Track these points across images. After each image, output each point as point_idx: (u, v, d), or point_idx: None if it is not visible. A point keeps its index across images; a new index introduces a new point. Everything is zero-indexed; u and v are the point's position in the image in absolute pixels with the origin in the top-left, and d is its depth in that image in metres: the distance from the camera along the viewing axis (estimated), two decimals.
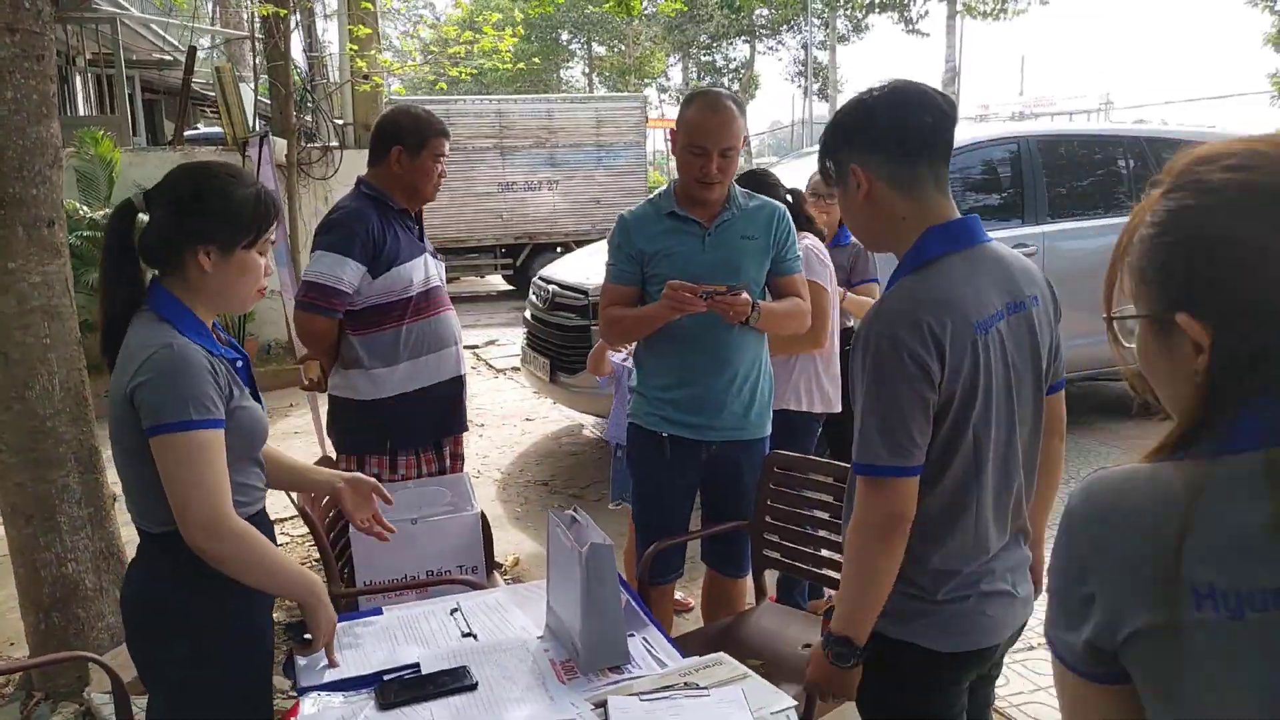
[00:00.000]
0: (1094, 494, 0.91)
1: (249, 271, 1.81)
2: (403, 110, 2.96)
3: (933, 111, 1.61)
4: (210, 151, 8.96)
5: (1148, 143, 6.39)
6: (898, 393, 1.56)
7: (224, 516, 1.67)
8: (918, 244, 1.63)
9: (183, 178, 1.79)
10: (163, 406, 1.64)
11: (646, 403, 2.70)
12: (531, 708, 1.73)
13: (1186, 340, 0.88)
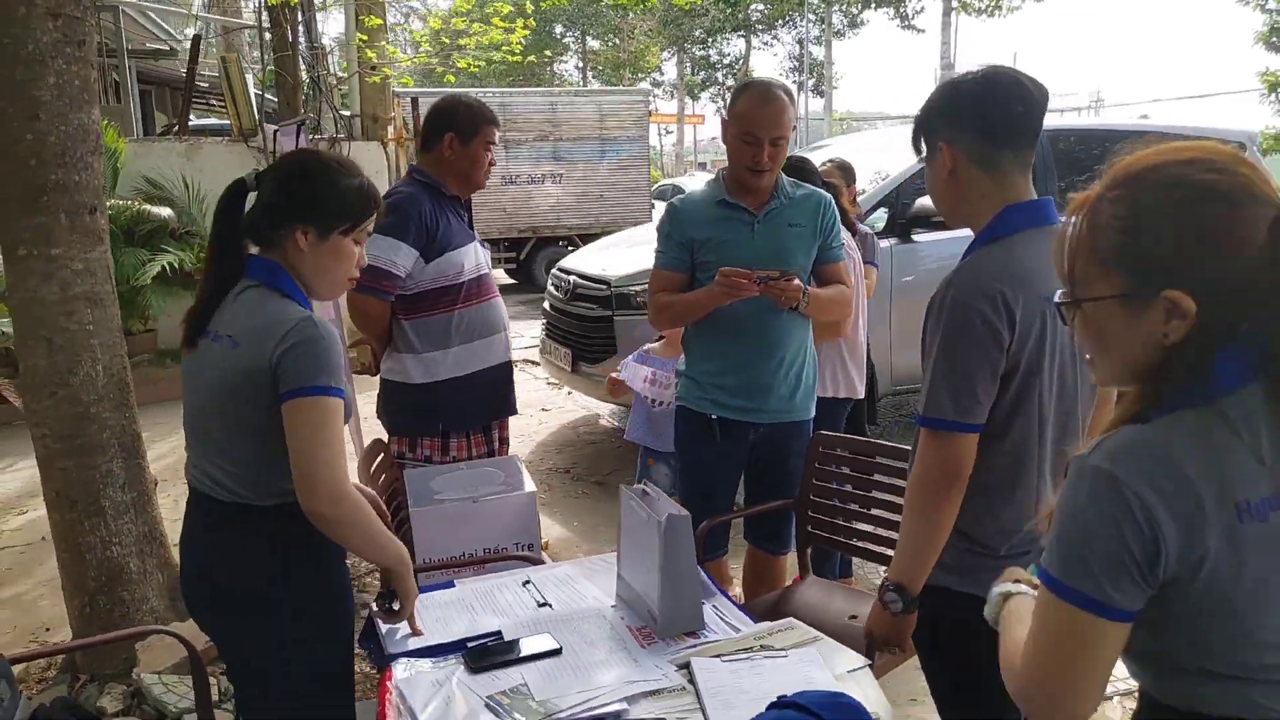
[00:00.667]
0: (1130, 454, 1.05)
1: (343, 258, 1.86)
2: (456, 98, 3.01)
3: (1024, 100, 1.70)
4: (217, 143, 8.96)
5: (1154, 136, 6.45)
6: (968, 354, 1.66)
7: (346, 483, 1.73)
8: (997, 219, 1.72)
9: (293, 160, 1.89)
10: (309, 371, 1.70)
11: (696, 386, 2.76)
12: (618, 670, 1.79)
13: (1159, 312, 1.06)
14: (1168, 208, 1.06)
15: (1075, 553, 1.06)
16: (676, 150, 42.06)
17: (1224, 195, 1.04)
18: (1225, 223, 1.03)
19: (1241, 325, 1.04)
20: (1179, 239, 1.05)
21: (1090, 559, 1.05)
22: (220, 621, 1.93)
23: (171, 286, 7.68)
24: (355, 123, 9.23)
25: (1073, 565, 1.06)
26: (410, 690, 1.74)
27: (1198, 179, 1.05)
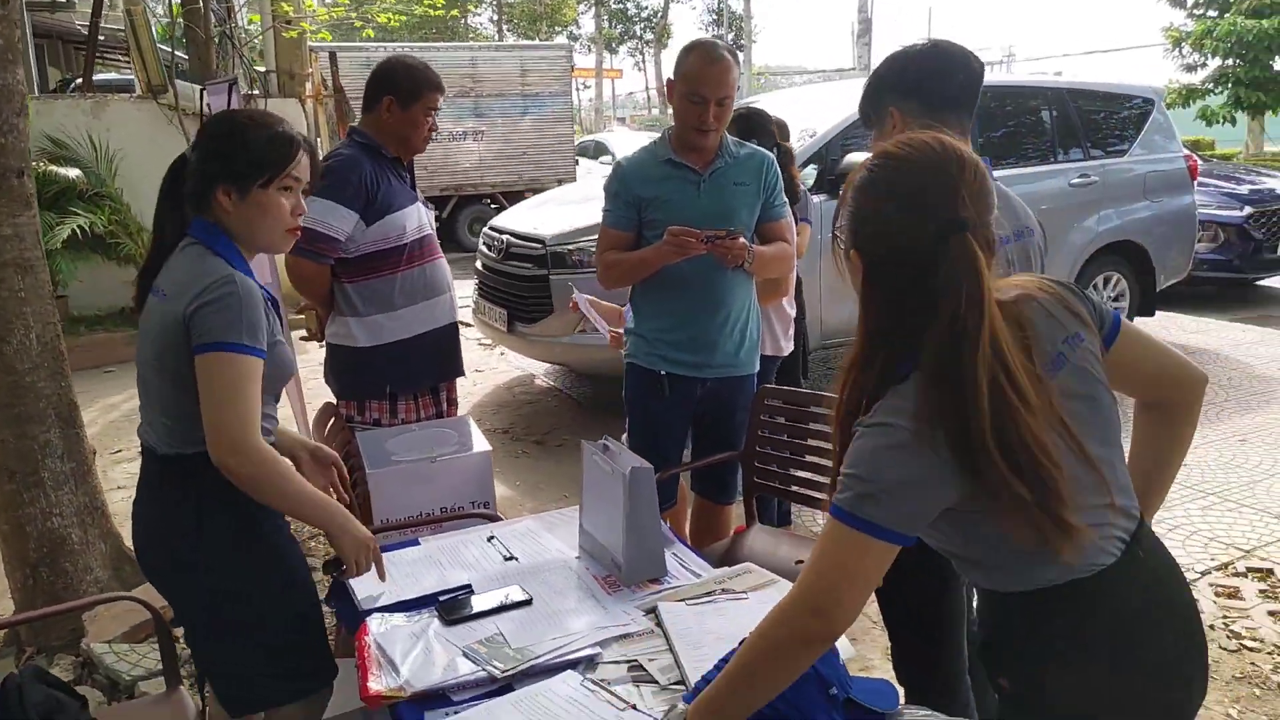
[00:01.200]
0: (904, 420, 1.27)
1: (269, 211, 1.86)
2: (398, 60, 2.99)
3: (965, 71, 1.89)
4: (125, 100, 8.63)
5: (1067, 93, 6.70)
6: None
7: (254, 439, 1.75)
8: None
9: (209, 122, 1.92)
10: (219, 327, 1.73)
11: (645, 343, 2.83)
12: (588, 617, 1.87)
13: (855, 266, 1.36)
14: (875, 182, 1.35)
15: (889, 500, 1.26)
16: (596, 105, 41.69)
17: (891, 189, 1.32)
18: (899, 210, 1.31)
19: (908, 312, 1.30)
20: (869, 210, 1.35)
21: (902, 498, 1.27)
22: (161, 578, 1.98)
23: (82, 251, 7.46)
24: (271, 79, 8.97)
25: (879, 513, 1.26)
26: (388, 643, 1.80)
27: (888, 163, 1.35)
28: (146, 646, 3.13)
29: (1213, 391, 5.80)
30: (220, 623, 1.90)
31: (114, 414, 6.06)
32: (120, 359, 7.34)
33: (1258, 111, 18.87)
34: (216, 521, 1.86)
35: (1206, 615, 3.26)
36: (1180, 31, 19.17)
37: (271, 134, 1.86)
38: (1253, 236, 8.38)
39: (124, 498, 4.54)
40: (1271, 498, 4.22)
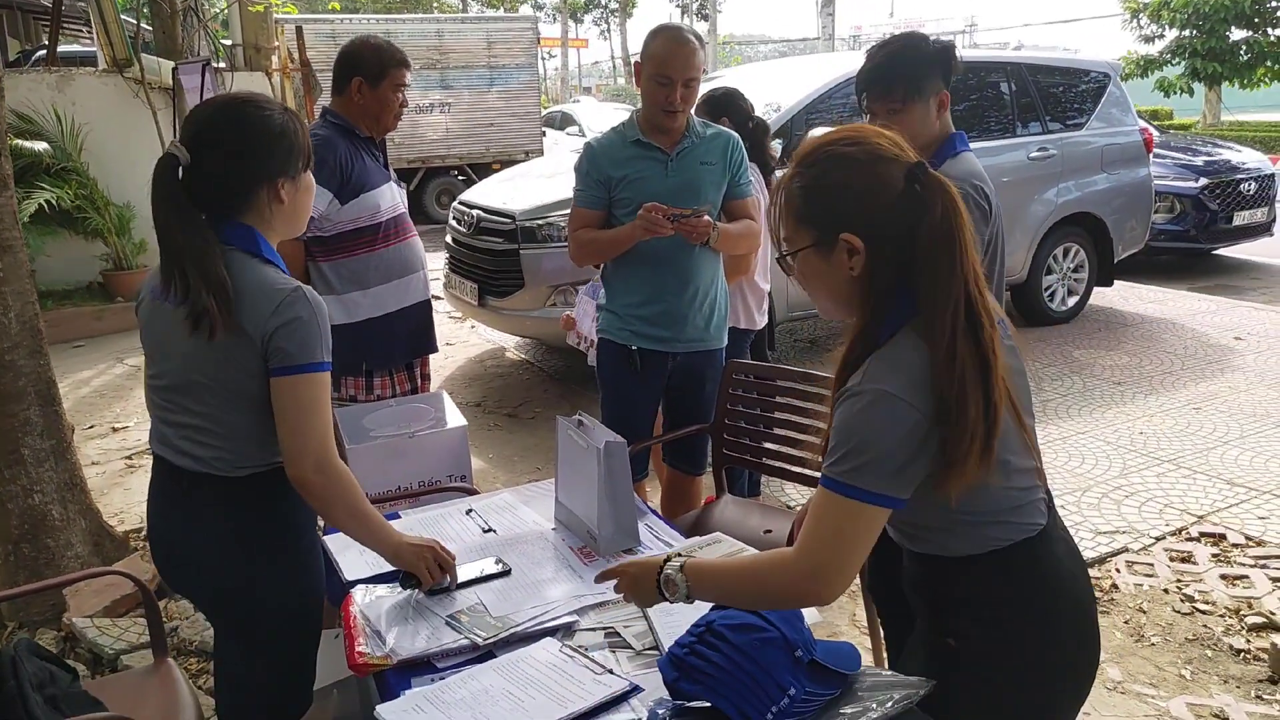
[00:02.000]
0: (890, 385, 1.35)
1: (310, 190, 1.88)
2: (363, 41, 3.02)
3: None
4: (90, 74, 8.50)
5: (1026, 68, 6.80)
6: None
7: (335, 454, 1.76)
8: (951, 140, 2.30)
9: (227, 123, 1.76)
10: (304, 347, 1.71)
11: (617, 319, 2.91)
12: (565, 586, 1.95)
13: (841, 252, 1.40)
14: (828, 174, 1.42)
15: (874, 465, 1.34)
16: (562, 75, 41.38)
17: (864, 157, 1.40)
18: (866, 179, 1.39)
19: (902, 256, 1.38)
20: (839, 195, 1.40)
21: (885, 464, 1.34)
22: (202, 600, 2.02)
23: (49, 225, 7.40)
24: (237, 53, 8.87)
25: (868, 478, 1.34)
26: (373, 613, 1.87)
27: (842, 151, 1.42)
28: (128, 620, 3.18)
29: (1169, 360, 5.98)
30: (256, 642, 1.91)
31: (84, 390, 6.05)
32: (88, 334, 7.31)
33: (1214, 82, 19.13)
34: (263, 544, 1.85)
35: (1160, 580, 3.41)
36: (1138, 3, 19.35)
37: (286, 115, 1.82)
38: (1208, 207, 8.57)
39: (98, 474, 4.57)
40: (1225, 464, 4.38)
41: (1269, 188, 8.93)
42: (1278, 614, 3.14)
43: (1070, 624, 1.51)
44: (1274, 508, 3.91)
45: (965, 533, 1.46)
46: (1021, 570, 1.47)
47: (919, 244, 1.36)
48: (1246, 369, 5.77)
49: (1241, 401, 5.20)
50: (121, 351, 6.89)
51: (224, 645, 2.01)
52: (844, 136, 1.44)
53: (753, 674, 1.45)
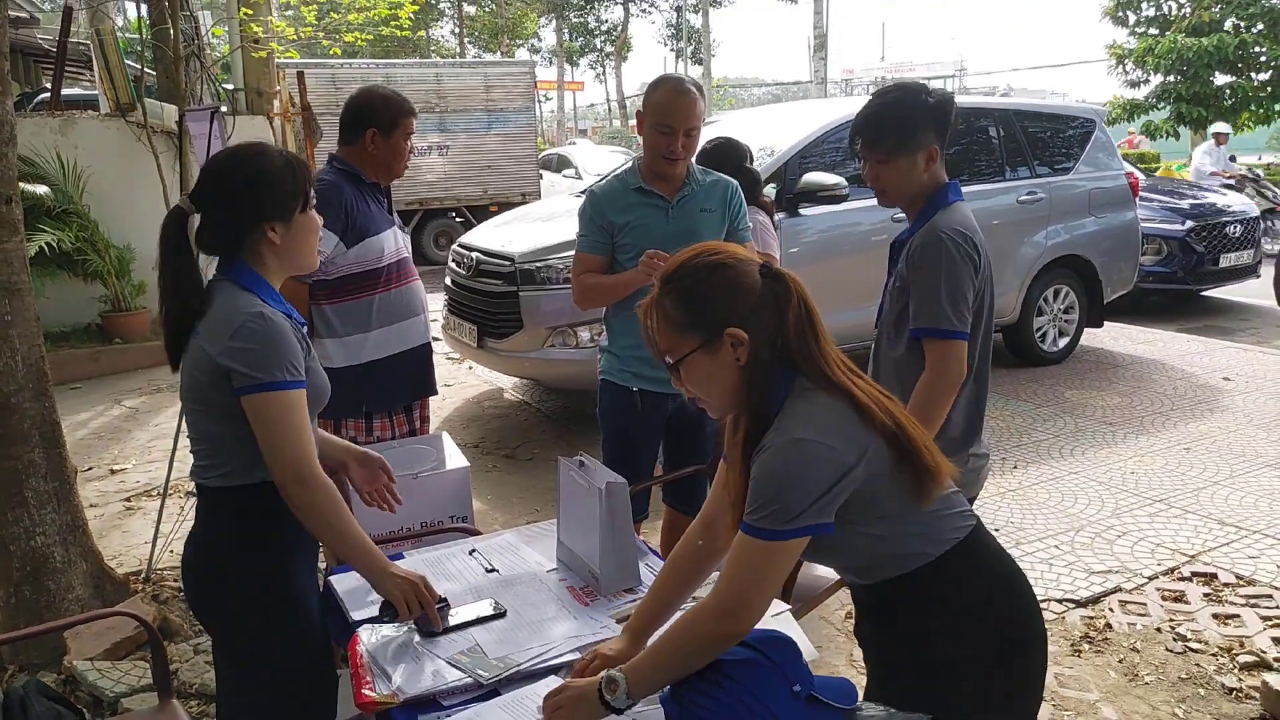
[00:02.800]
0: (798, 432, 1.52)
1: (311, 230, 1.97)
2: (373, 92, 3.10)
3: None
4: (93, 118, 8.62)
5: (1014, 114, 6.94)
6: (962, 276, 2.16)
7: (314, 466, 1.84)
8: (943, 191, 2.29)
9: (222, 172, 1.90)
10: (259, 368, 1.79)
11: (618, 361, 2.97)
12: (565, 625, 1.99)
13: (727, 346, 1.57)
14: (698, 283, 1.60)
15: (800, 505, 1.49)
16: (558, 117, 41.82)
17: (728, 263, 1.60)
18: (732, 280, 1.58)
19: (776, 339, 1.56)
20: (713, 298, 1.58)
21: (811, 502, 1.50)
22: (194, 601, 2.06)
23: (50, 267, 7.47)
24: (239, 97, 9.00)
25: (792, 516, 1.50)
26: (379, 652, 1.90)
27: (703, 262, 1.61)
28: (128, 664, 3.19)
29: (1159, 400, 6.05)
30: (248, 653, 1.97)
31: (82, 432, 6.07)
32: (86, 375, 7.34)
33: (1199, 126, 19.41)
34: (250, 555, 1.93)
35: (1153, 619, 3.45)
36: (1123, 49, 19.69)
37: (286, 159, 1.93)
38: (1195, 250, 8.70)
39: (96, 516, 4.58)
40: (1215, 504, 4.42)
41: (1254, 230, 9.08)
42: (1269, 653, 3.17)
43: (1020, 597, 1.71)
44: (1264, 547, 3.96)
45: (917, 544, 1.63)
46: (974, 560, 1.67)
47: (789, 324, 1.56)
48: (1235, 409, 5.84)
49: (1231, 442, 5.26)
50: (120, 393, 6.92)
51: (224, 682, 2.05)
52: (698, 252, 1.64)
53: (752, 708, 1.49)
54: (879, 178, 2.31)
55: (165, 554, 4.02)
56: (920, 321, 2.20)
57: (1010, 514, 4.38)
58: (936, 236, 2.18)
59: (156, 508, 4.16)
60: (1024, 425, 5.56)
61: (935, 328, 2.18)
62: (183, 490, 4.85)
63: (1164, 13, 19.51)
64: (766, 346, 1.57)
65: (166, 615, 3.45)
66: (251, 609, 1.95)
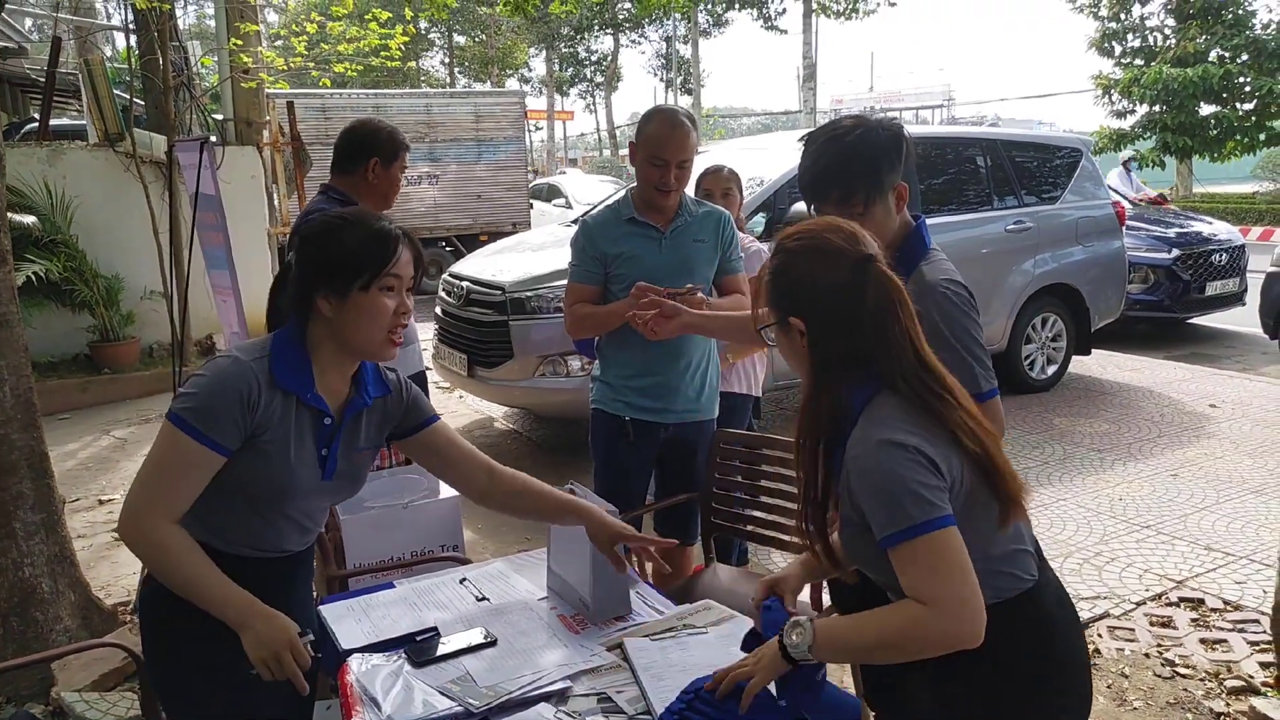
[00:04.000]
0: (884, 434, 1.50)
1: (371, 314, 1.79)
2: (374, 124, 3.15)
3: None
4: (81, 148, 8.64)
5: (1001, 144, 7.03)
6: (978, 329, 1.95)
7: (152, 521, 1.69)
8: (920, 233, 2.05)
9: (307, 226, 1.85)
10: (180, 399, 1.72)
11: (611, 390, 2.98)
12: (555, 654, 1.98)
13: (795, 332, 1.59)
14: (786, 266, 1.62)
15: (918, 501, 1.45)
16: (548, 147, 42.07)
17: (822, 248, 1.58)
18: (813, 266, 1.58)
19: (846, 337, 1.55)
20: (791, 284, 1.61)
21: (925, 496, 1.46)
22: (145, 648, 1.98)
23: (38, 297, 7.46)
24: (229, 127, 9.04)
25: (925, 510, 1.45)
26: (369, 681, 1.89)
27: (796, 245, 1.62)
28: (116, 695, 3.17)
29: (1147, 428, 6.09)
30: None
31: (70, 463, 6.05)
32: (74, 406, 7.32)
33: (1185, 155, 19.64)
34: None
35: (1141, 644, 3.46)
36: (1109, 79, 19.93)
37: (369, 232, 1.79)
38: (1181, 278, 8.78)
39: (84, 546, 4.56)
40: (1202, 530, 4.45)
41: (1239, 258, 9.17)
42: (1256, 677, 3.18)
43: (1067, 671, 1.63)
44: (1250, 572, 3.98)
45: (985, 578, 1.49)
46: (1021, 621, 1.58)
47: (865, 323, 1.54)
48: (1222, 436, 5.88)
49: (1218, 468, 5.29)
50: (108, 424, 6.90)
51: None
52: (801, 231, 1.64)
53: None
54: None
55: None
56: (973, 382, 1.89)
57: None
58: (935, 290, 1.92)
59: None
60: (1012, 452, 5.59)
61: (990, 390, 1.92)
62: None
63: (1149, 44, 19.78)
64: (836, 342, 1.56)
65: None
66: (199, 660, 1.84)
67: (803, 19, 28.09)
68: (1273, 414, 6.31)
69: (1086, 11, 20.45)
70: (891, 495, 1.46)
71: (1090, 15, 20.41)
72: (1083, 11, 20.52)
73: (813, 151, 2.01)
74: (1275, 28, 18.14)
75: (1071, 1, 20.57)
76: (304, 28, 8.47)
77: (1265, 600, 3.66)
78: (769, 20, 32.37)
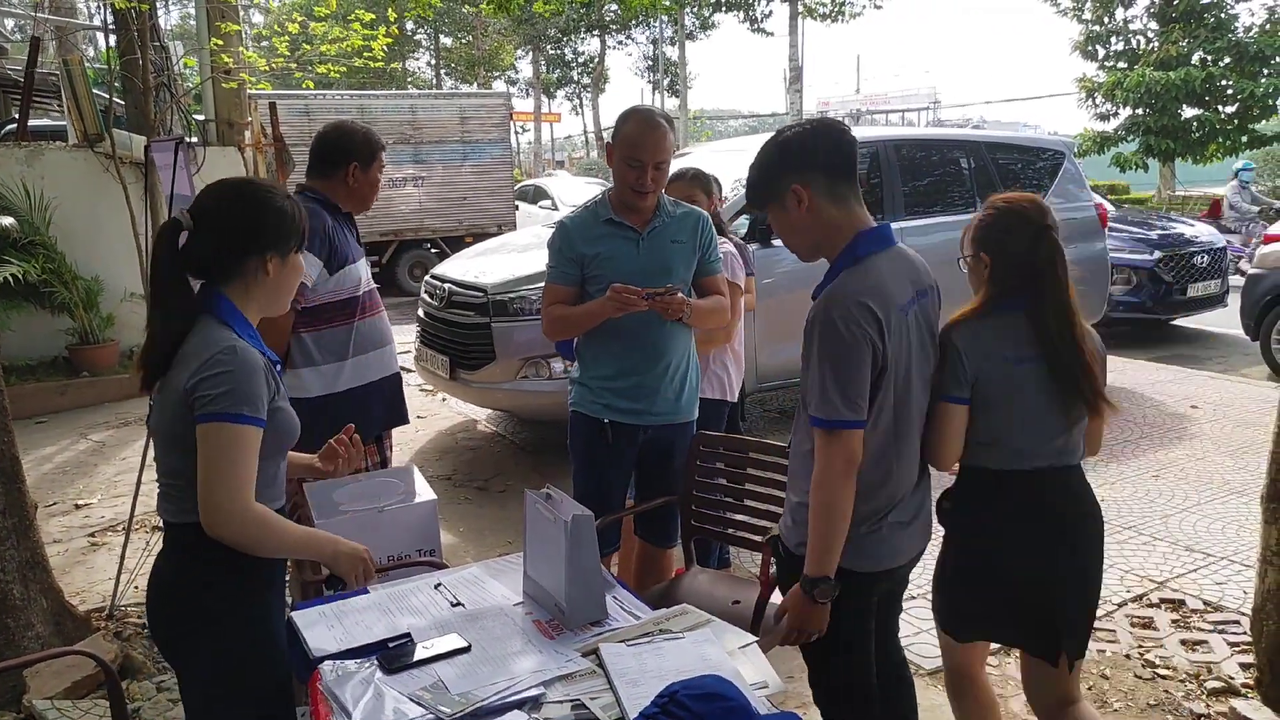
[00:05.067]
0: (970, 327, 2.22)
1: (298, 270, 2.02)
2: (350, 126, 3.12)
3: (850, 140, 2.05)
4: (60, 149, 8.56)
5: (985, 146, 7.04)
6: (850, 359, 1.95)
7: (244, 503, 1.82)
8: (852, 244, 2.04)
9: (229, 194, 1.95)
10: (220, 398, 1.78)
11: (590, 392, 2.95)
12: (530, 660, 1.96)
13: (983, 265, 2.24)
14: (985, 220, 2.32)
15: (948, 378, 2.23)
16: (535, 149, 42.01)
17: (1005, 214, 2.28)
18: (1005, 225, 2.26)
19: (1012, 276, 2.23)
20: (986, 233, 2.28)
21: (951, 375, 2.22)
22: (161, 641, 2.03)
23: (16, 299, 7.38)
24: (210, 128, 8.97)
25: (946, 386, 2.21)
26: (340, 689, 1.87)
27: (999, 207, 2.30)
28: (89, 702, 3.13)
29: (1129, 428, 6.10)
30: (215, 692, 1.95)
31: (46, 466, 5.98)
32: (52, 409, 7.24)
33: (1168, 158, 19.74)
34: (215, 592, 1.91)
35: (1122, 646, 3.45)
36: (1093, 82, 20.03)
37: (288, 199, 1.99)
38: (1163, 279, 8.81)
39: (59, 552, 4.50)
40: (1183, 531, 4.45)
41: (1221, 260, 9.21)
42: (1236, 678, 3.18)
43: None
44: (1231, 573, 3.98)
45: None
46: None
47: (1032, 270, 2.19)
48: (1203, 437, 5.90)
49: (1199, 469, 5.30)
50: (86, 427, 6.83)
51: (191, 716, 2.02)
52: (1005, 201, 2.28)
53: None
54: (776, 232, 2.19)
55: (130, 590, 3.95)
56: (810, 409, 2.02)
57: None
58: (827, 314, 1.97)
59: (121, 543, 4.09)
60: None
61: (816, 417, 1.99)
62: (148, 525, 4.78)
63: (1132, 47, 19.88)
64: (1006, 276, 2.24)
65: (129, 653, 3.39)
66: (215, 646, 1.92)
67: (789, 21, 28.16)
68: (1254, 415, 6.33)
69: (1071, 15, 20.55)
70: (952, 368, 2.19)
71: (1074, 18, 20.50)
72: (1067, 15, 20.62)
73: None
74: (1257, 31, 18.26)
75: (1055, 5, 20.66)
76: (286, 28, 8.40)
77: (1245, 601, 3.66)
78: (755, 23, 32.36)
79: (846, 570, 2.07)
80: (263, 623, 2.00)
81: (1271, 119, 19.04)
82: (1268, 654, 2.86)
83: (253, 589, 1.96)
